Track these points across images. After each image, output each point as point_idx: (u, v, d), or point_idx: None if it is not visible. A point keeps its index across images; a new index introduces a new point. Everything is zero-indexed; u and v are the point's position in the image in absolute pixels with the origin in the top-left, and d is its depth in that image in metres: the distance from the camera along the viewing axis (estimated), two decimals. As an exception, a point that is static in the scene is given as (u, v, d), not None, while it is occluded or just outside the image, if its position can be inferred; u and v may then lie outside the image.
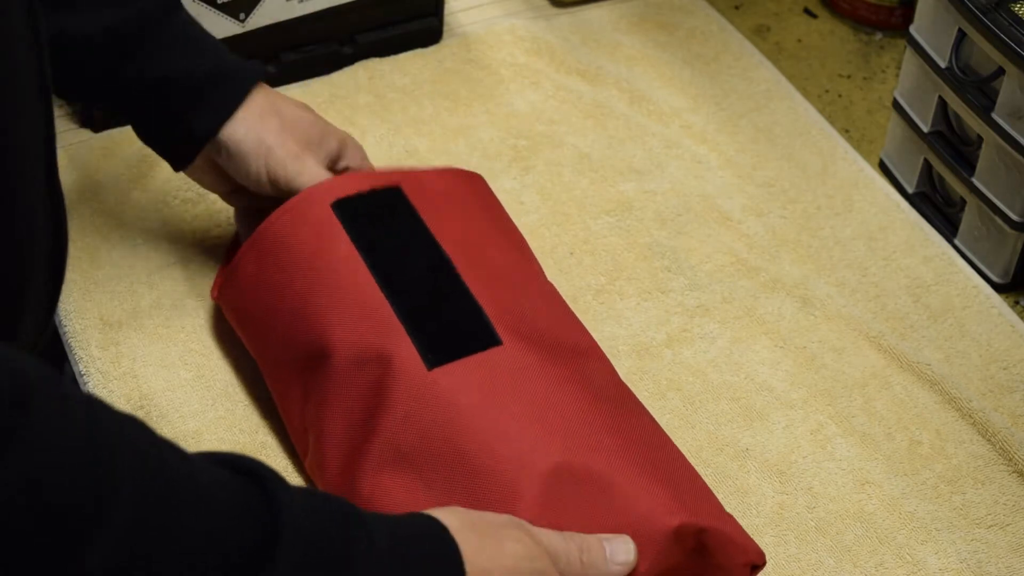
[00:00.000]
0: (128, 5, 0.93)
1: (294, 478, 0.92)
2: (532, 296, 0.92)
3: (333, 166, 0.98)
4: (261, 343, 0.93)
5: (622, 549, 0.79)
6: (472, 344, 0.85)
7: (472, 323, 0.86)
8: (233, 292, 0.95)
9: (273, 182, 0.95)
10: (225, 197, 1.02)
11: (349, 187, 0.93)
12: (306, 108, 0.98)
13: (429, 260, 0.90)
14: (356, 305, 0.87)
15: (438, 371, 0.83)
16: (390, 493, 0.81)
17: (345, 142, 0.98)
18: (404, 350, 0.84)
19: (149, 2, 0.94)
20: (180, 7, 0.96)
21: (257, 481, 0.65)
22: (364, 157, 1.00)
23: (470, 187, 0.99)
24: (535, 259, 0.99)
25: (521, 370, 0.84)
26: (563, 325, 0.91)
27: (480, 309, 0.87)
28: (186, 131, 0.95)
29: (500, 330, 0.86)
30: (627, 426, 0.85)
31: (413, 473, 0.82)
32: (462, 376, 0.84)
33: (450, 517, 0.73)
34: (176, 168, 0.99)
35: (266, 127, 0.95)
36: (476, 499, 0.80)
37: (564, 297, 0.96)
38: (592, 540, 0.78)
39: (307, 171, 0.94)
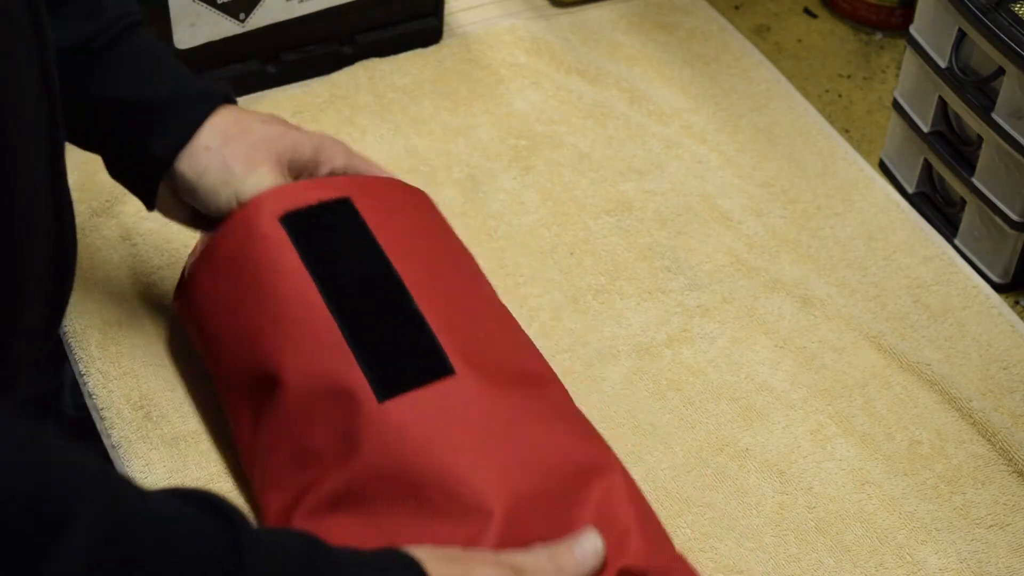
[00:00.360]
0: (92, 20, 0.89)
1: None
2: (485, 320, 0.89)
3: (314, 174, 0.93)
4: (214, 361, 0.91)
5: (589, 541, 0.78)
6: (424, 375, 0.82)
7: (424, 351, 0.83)
8: (188, 306, 0.93)
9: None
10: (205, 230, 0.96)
11: (298, 198, 0.89)
12: (274, 120, 0.94)
13: (380, 280, 0.86)
14: (306, 330, 0.84)
15: (390, 403, 0.81)
16: (335, 534, 0.78)
17: (321, 147, 0.93)
18: (354, 380, 0.81)
19: (110, 19, 0.90)
20: (139, 27, 0.91)
21: (221, 518, 0.64)
22: (347, 153, 0.94)
23: (418, 202, 0.95)
24: (486, 280, 0.95)
25: (475, 400, 0.82)
26: (517, 350, 0.89)
27: (432, 336, 0.84)
28: (146, 158, 0.90)
29: (453, 358, 0.83)
30: (583, 451, 0.83)
31: (364, 512, 0.79)
32: (413, 409, 0.81)
33: (417, 550, 0.72)
34: (147, 205, 0.94)
35: (232, 154, 0.90)
36: (431, 539, 0.77)
37: (564, 297, 0.96)
38: (558, 544, 0.77)
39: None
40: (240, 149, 0.90)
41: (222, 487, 0.92)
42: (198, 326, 0.92)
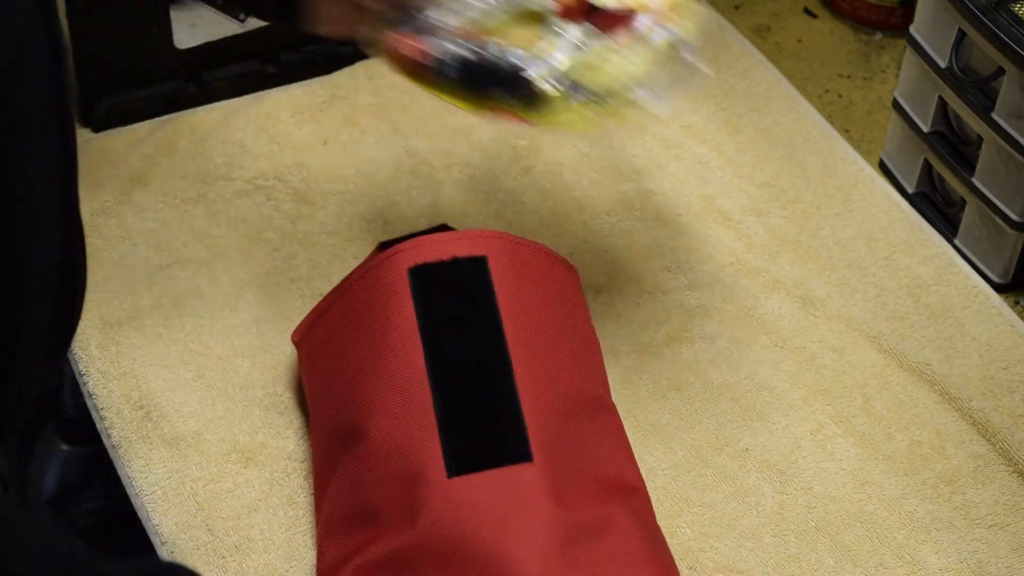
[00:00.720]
0: None
1: (295, 480, 0.92)
2: (584, 415, 0.87)
3: None
4: (314, 397, 0.91)
5: None
6: (500, 457, 0.81)
7: (508, 434, 0.82)
8: (311, 341, 0.92)
9: None
10: (357, 31, 0.91)
11: (432, 252, 0.88)
12: None
13: (488, 352, 0.85)
14: (400, 392, 0.84)
15: (457, 480, 0.80)
16: None
17: None
18: (430, 452, 0.81)
19: None
20: None
21: None
22: None
23: (560, 273, 0.93)
24: (603, 372, 0.93)
25: (546, 494, 0.79)
26: (609, 455, 0.86)
27: (521, 419, 0.82)
28: None
29: (535, 446, 0.81)
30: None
31: None
32: (478, 489, 0.79)
33: None
34: (297, 18, 0.90)
35: None
36: None
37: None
38: None
39: None
40: None
41: (221, 487, 0.92)
42: (311, 358, 0.92)
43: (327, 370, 0.89)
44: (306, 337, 0.93)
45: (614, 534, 0.81)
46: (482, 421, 0.83)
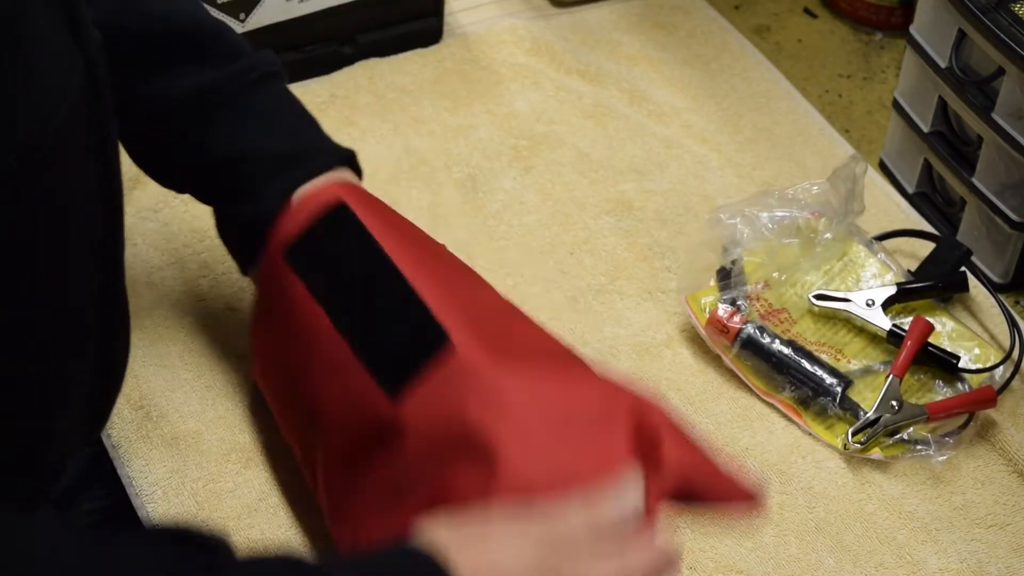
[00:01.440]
0: (222, 68, 0.87)
1: (295, 480, 0.92)
2: (484, 297, 0.87)
3: None
4: (280, 416, 0.91)
5: (630, 489, 0.72)
6: (421, 351, 0.79)
7: (421, 329, 0.80)
8: (256, 366, 0.92)
9: None
10: None
11: (296, 224, 0.86)
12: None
13: (375, 274, 0.84)
14: (323, 358, 0.83)
15: (400, 399, 0.79)
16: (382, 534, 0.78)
17: None
18: (364, 384, 0.80)
19: (245, 66, 0.88)
20: (279, 77, 0.89)
21: (205, 551, 0.64)
22: None
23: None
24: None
25: (477, 368, 0.78)
26: (516, 319, 0.86)
27: (428, 310, 0.81)
28: (252, 214, 0.86)
29: (451, 328, 0.80)
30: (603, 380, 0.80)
31: (398, 506, 0.78)
32: (424, 399, 0.79)
33: (438, 532, 0.68)
34: (242, 268, 0.91)
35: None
36: (448, 496, 0.75)
37: (564, 297, 0.96)
38: (593, 493, 0.71)
39: None
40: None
41: (221, 487, 0.92)
42: (263, 379, 0.92)
43: (273, 381, 0.89)
44: (256, 370, 0.92)
45: (557, 358, 0.81)
46: (389, 330, 0.82)
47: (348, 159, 0.89)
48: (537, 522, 0.70)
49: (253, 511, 0.91)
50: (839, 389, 0.97)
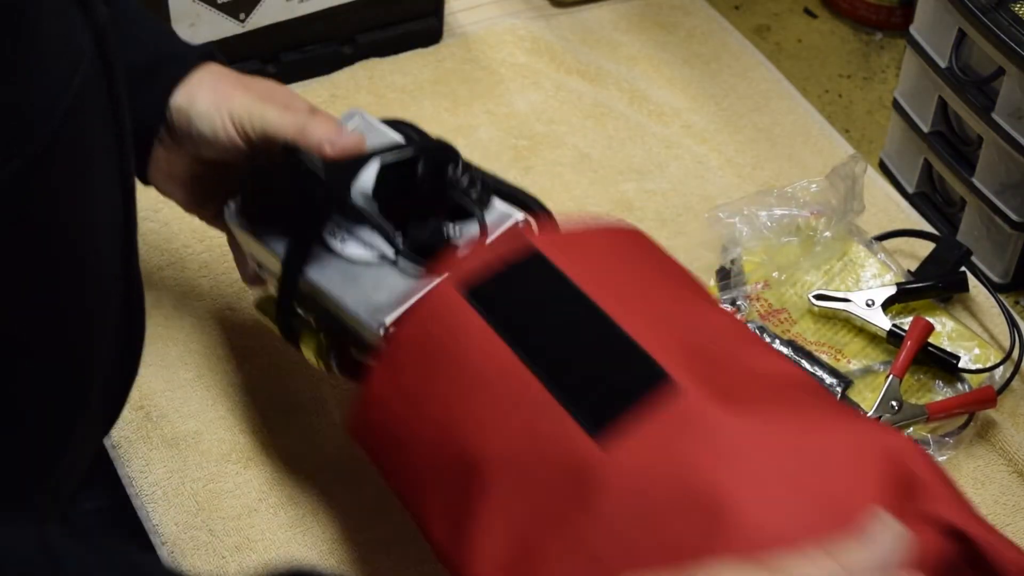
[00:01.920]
0: None
1: (295, 480, 0.92)
2: (705, 327, 0.77)
3: (302, 133, 0.83)
4: (402, 465, 0.79)
5: (886, 529, 0.63)
6: (633, 388, 0.71)
7: (631, 365, 0.72)
8: (367, 421, 0.80)
9: (241, 130, 0.84)
10: (201, 213, 0.92)
11: (479, 269, 0.78)
12: (270, 80, 0.89)
13: (578, 318, 0.75)
14: (505, 397, 0.73)
15: (608, 443, 0.69)
16: None
17: (315, 111, 0.87)
18: (562, 426, 0.70)
19: None
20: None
21: None
22: (337, 128, 0.85)
23: (626, 242, 0.84)
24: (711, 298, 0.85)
25: (703, 414, 0.69)
26: (745, 349, 0.77)
27: (638, 347, 0.72)
28: (136, 123, 0.79)
29: (669, 367, 0.71)
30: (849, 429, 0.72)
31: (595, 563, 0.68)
32: (638, 446, 0.69)
33: None
34: (140, 175, 0.88)
35: (222, 84, 0.86)
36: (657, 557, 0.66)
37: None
38: (840, 542, 0.64)
39: (276, 115, 0.84)
40: (230, 81, 0.87)
41: (221, 487, 0.92)
42: (380, 434, 0.80)
43: (411, 424, 0.78)
44: (362, 418, 0.81)
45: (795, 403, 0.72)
46: (596, 367, 0.73)
47: (209, 54, 0.89)
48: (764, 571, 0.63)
49: (253, 511, 0.91)
50: (839, 389, 0.97)
